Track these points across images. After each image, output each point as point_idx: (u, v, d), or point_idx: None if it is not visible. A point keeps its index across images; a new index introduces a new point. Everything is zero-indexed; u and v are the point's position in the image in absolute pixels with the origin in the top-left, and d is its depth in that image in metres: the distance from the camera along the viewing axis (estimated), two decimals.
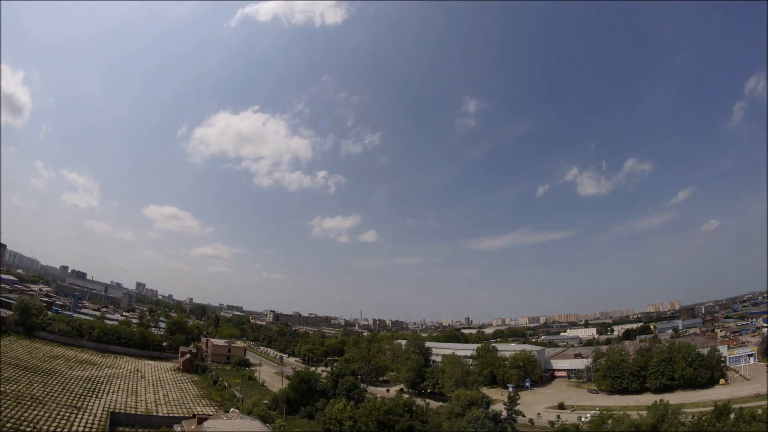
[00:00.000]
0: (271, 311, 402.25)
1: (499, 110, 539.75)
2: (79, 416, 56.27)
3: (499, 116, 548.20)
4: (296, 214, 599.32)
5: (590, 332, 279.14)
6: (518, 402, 74.03)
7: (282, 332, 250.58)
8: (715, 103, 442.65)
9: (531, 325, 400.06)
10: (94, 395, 68.03)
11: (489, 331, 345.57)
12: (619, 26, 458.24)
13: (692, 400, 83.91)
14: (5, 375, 64.39)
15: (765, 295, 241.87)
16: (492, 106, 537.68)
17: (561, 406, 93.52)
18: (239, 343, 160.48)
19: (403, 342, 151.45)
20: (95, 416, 57.77)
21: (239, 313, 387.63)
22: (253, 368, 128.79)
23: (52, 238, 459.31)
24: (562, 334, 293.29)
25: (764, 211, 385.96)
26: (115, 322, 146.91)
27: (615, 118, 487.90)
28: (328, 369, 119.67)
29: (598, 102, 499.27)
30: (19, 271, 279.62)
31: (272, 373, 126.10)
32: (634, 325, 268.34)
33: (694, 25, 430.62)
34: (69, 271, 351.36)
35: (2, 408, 50.45)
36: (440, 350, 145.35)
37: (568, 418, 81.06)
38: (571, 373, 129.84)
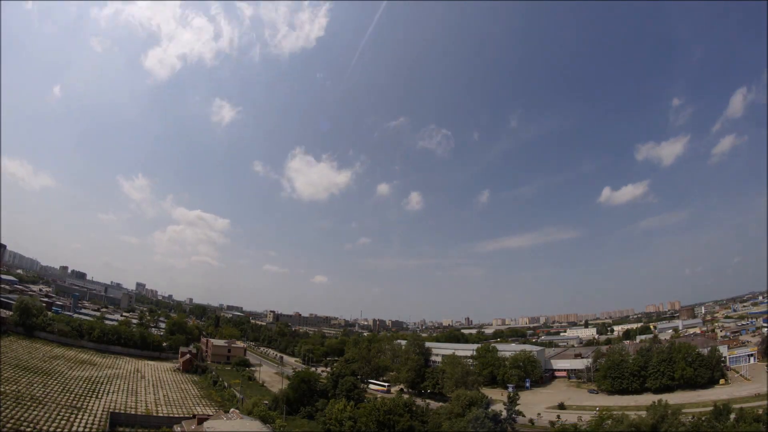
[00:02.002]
0: (271, 311, 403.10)
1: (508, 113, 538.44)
2: (79, 416, 56.25)
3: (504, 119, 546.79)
4: (301, 213, 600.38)
5: (590, 332, 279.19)
6: (518, 402, 74.03)
7: (282, 332, 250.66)
8: (723, 103, 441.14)
9: (531, 325, 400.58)
10: (94, 395, 67.97)
11: (489, 331, 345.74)
12: (636, 25, 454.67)
13: (692, 400, 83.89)
14: (5, 375, 64.38)
15: (765, 295, 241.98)
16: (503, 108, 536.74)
17: (561, 406, 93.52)
18: (239, 344, 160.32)
19: (403, 342, 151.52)
20: (95, 416, 57.75)
21: (239, 314, 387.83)
22: (253, 368, 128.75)
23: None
24: (562, 334, 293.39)
25: (764, 211, 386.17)
26: (115, 323, 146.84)
27: (627, 120, 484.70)
28: (328, 369, 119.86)
29: (611, 103, 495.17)
30: (19, 271, 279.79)
31: (272, 374, 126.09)
32: (634, 325, 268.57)
33: (712, 25, 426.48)
34: (69, 271, 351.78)
35: (2, 408, 50.45)
36: (440, 350, 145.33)
37: (568, 418, 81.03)
38: (571, 373, 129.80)
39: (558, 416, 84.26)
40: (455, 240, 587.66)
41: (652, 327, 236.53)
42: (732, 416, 58.98)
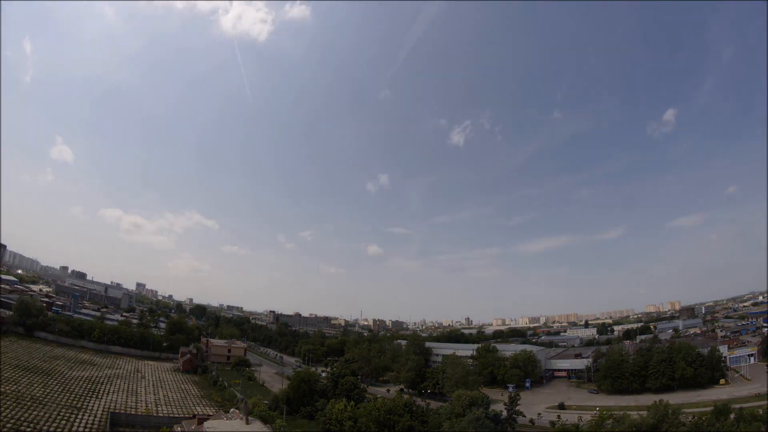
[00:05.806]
0: (271, 311, 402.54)
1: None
2: (79, 417, 56.22)
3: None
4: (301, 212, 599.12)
5: (590, 332, 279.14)
6: (518, 402, 73.97)
7: (282, 332, 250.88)
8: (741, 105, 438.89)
9: (531, 325, 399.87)
10: (94, 396, 67.94)
11: (489, 331, 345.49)
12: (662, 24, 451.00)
13: (692, 400, 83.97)
14: (5, 375, 64.36)
15: (765, 295, 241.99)
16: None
17: (561, 406, 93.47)
18: (239, 344, 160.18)
19: (403, 342, 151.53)
20: (95, 417, 57.71)
21: (239, 314, 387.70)
22: (253, 368, 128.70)
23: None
24: (562, 334, 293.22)
25: (764, 211, 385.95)
26: (115, 323, 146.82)
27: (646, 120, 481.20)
28: (328, 369, 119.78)
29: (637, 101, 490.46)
30: (19, 271, 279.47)
31: (272, 374, 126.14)
32: (634, 325, 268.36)
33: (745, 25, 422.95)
34: (69, 271, 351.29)
35: (2, 408, 50.42)
36: (440, 350, 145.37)
37: (569, 418, 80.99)
38: (572, 374, 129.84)
39: (558, 416, 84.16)
40: (461, 242, 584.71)
41: (652, 327, 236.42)
42: (732, 416, 58.99)
